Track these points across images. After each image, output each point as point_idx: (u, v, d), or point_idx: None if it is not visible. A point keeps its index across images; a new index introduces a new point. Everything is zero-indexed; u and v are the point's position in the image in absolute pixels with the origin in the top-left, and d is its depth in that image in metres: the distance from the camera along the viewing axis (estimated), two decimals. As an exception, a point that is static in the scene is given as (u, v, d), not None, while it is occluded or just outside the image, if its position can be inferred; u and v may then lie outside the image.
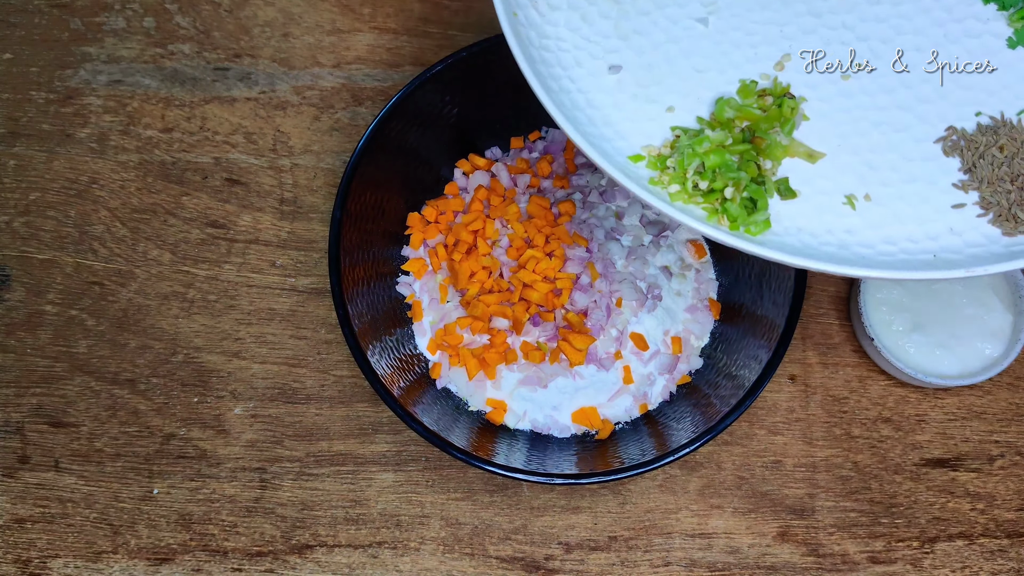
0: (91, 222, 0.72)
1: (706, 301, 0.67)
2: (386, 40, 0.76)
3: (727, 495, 0.65)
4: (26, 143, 0.73)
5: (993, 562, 0.64)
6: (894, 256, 0.47)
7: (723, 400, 0.60)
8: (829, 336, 0.69)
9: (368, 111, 0.74)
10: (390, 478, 0.66)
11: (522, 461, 0.60)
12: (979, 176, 0.49)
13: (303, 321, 0.69)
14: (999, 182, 0.48)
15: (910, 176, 0.49)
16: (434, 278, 0.68)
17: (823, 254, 0.47)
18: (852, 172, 0.49)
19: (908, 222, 0.48)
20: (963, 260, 0.46)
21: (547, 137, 0.71)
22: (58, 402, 0.68)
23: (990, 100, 0.50)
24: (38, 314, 0.70)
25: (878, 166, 0.49)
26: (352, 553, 0.64)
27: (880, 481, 0.66)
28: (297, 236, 0.71)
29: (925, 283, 0.65)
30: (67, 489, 0.66)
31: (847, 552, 0.64)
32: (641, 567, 0.64)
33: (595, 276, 0.65)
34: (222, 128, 0.73)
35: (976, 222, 0.48)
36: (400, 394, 0.59)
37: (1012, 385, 0.68)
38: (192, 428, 0.67)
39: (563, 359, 0.64)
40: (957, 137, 0.50)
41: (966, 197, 0.49)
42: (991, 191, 0.48)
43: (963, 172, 0.49)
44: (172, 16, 0.76)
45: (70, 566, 0.65)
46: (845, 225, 0.48)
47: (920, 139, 0.50)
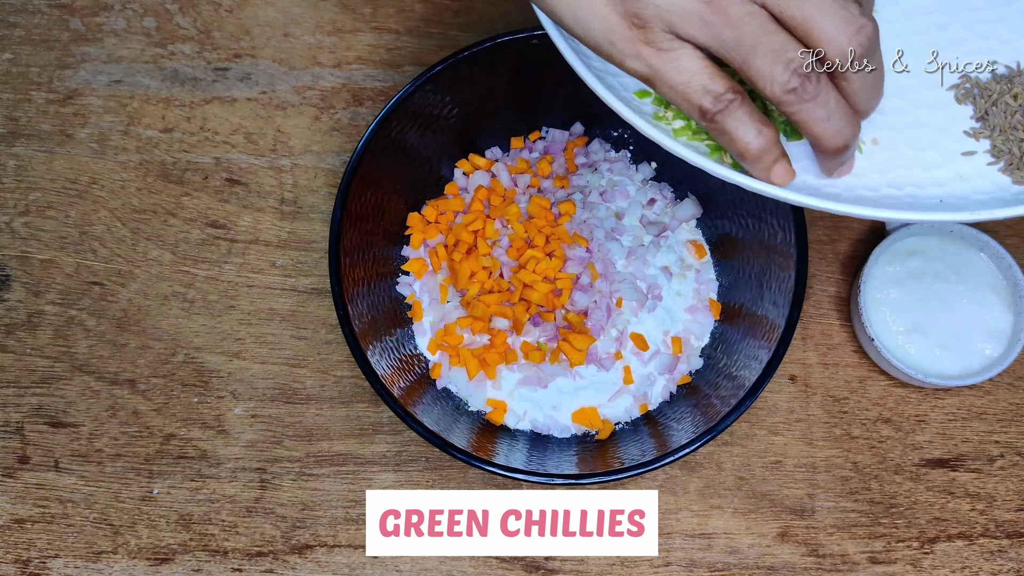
0: (91, 222, 0.72)
1: (706, 301, 0.67)
2: (387, 40, 0.76)
3: (727, 495, 0.65)
4: (26, 143, 0.73)
5: (993, 562, 0.64)
6: (899, 199, 0.46)
7: (723, 400, 0.60)
8: (829, 336, 0.69)
9: (368, 111, 0.74)
10: (390, 478, 0.66)
11: (522, 461, 0.60)
12: (991, 124, 0.48)
13: (303, 321, 0.69)
14: (1011, 130, 0.48)
15: (919, 122, 0.48)
16: (434, 278, 0.68)
17: (826, 194, 0.46)
18: None
19: (915, 167, 0.47)
20: (969, 204, 0.46)
21: (547, 137, 0.71)
22: (58, 402, 0.68)
23: (1005, 49, 0.50)
24: (38, 314, 0.70)
25: (887, 110, 0.48)
26: (352, 553, 0.64)
27: (880, 481, 0.66)
28: (297, 236, 0.71)
29: (934, 288, 0.65)
30: (67, 489, 0.66)
31: (847, 552, 0.64)
32: (641, 567, 0.64)
33: (595, 276, 0.65)
34: (222, 128, 0.73)
35: (986, 170, 0.47)
36: (400, 394, 0.59)
37: (1012, 385, 0.68)
38: (192, 428, 0.67)
39: (563, 359, 0.64)
40: (971, 85, 0.49)
41: (977, 145, 0.48)
42: (1003, 139, 0.48)
43: (975, 120, 0.49)
44: (172, 16, 0.76)
45: (70, 566, 0.65)
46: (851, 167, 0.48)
47: (931, 86, 0.49)
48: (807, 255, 0.60)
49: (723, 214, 0.68)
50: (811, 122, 0.42)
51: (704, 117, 0.43)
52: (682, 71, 0.42)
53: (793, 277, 0.60)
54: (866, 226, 0.71)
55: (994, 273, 0.66)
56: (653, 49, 0.42)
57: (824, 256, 0.70)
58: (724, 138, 0.43)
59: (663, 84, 0.43)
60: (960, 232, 0.66)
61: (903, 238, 0.67)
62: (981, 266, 0.66)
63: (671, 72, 0.42)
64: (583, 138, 0.71)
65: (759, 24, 0.40)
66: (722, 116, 0.42)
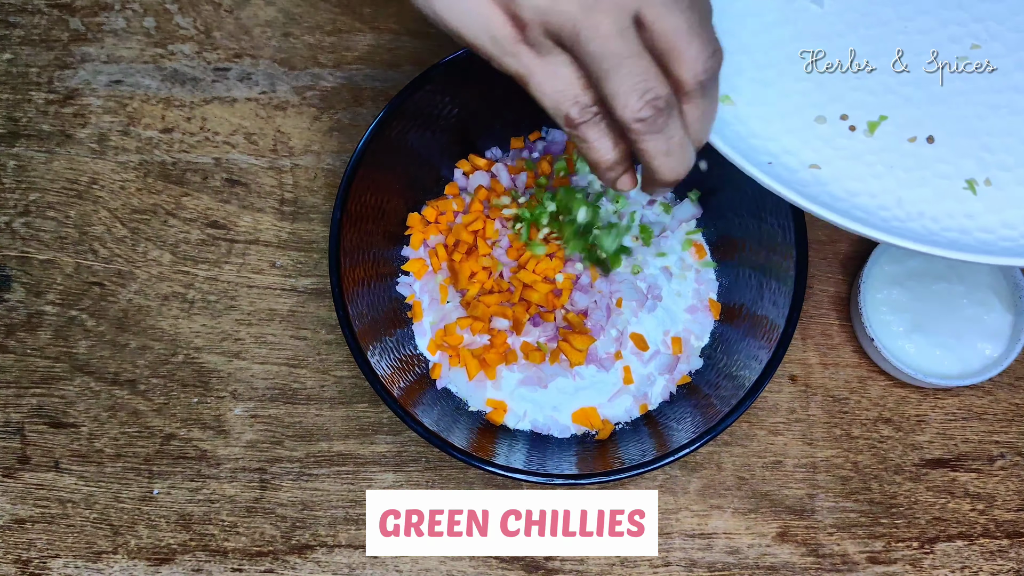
0: (91, 222, 0.72)
1: (706, 301, 0.67)
2: (387, 40, 0.76)
3: (727, 495, 0.65)
4: (26, 143, 0.73)
5: (993, 562, 0.64)
6: (1016, 241, 0.47)
7: (723, 400, 0.60)
8: (829, 336, 0.69)
9: (369, 111, 0.74)
10: (390, 478, 0.66)
11: (522, 461, 0.60)
12: None
13: (303, 321, 0.69)
14: None
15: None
16: (434, 278, 0.68)
17: (945, 240, 0.47)
18: (971, 156, 0.49)
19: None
20: None
21: (547, 137, 0.71)
22: (58, 402, 0.68)
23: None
24: (38, 314, 0.70)
25: (996, 149, 0.49)
26: (352, 553, 0.64)
27: (880, 481, 0.66)
28: (297, 236, 0.71)
29: (934, 288, 0.65)
30: (67, 489, 0.66)
31: (847, 552, 0.64)
32: (641, 567, 0.64)
33: (595, 276, 0.65)
34: (222, 128, 0.73)
35: None
36: (400, 395, 0.59)
37: (1012, 385, 0.68)
38: (192, 428, 0.67)
39: (563, 359, 0.64)
40: None
41: None
42: None
43: None
44: (172, 16, 0.76)
45: (70, 566, 0.65)
46: (965, 210, 0.48)
47: None
48: (807, 255, 0.60)
49: (723, 214, 0.68)
50: (652, 154, 0.44)
51: (568, 124, 0.45)
52: (558, 78, 0.43)
53: (793, 277, 0.60)
54: (866, 226, 0.71)
55: (994, 273, 0.66)
56: (532, 52, 0.43)
57: (824, 256, 0.70)
58: (583, 146, 0.46)
59: (536, 87, 0.44)
60: (960, 232, 0.66)
61: (903, 238, 0.67)
62: (981, 266, 0.66)
63: (547, 77, 0.44)
64: (583, 138, 0.71)
65: (626, 44, 0.41)
66: (585, 127, 0.45)
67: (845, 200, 0.49)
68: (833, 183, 0.49)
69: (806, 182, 0.49)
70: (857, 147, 0.50)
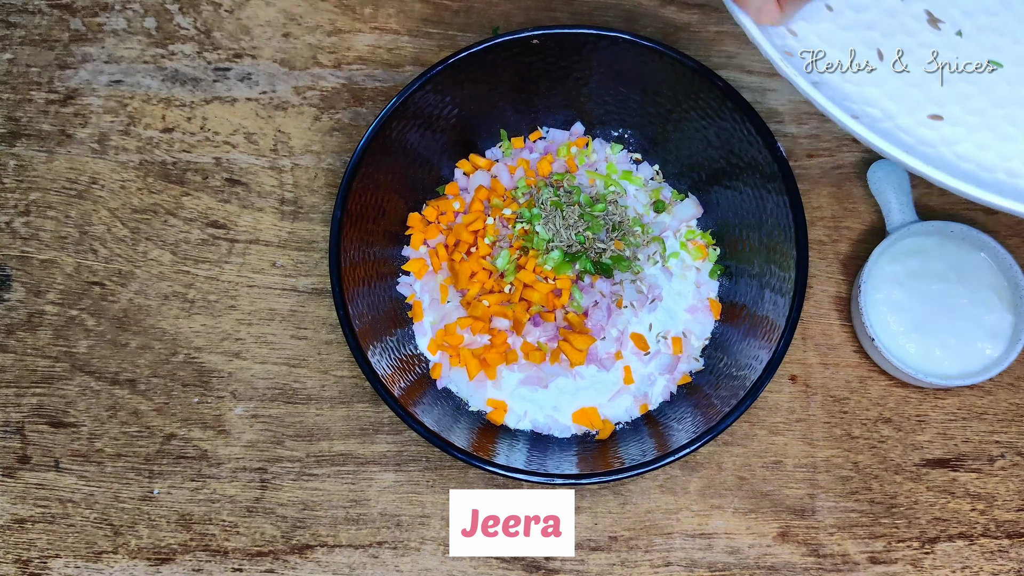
0: (91, 222, 0.72)
1: (706, 301, 0.67)
2: (387, 40, 0.76)
3: (727, 495, 0.65)
4: (26, 143, 0.73)
5: (993, 562, 0.64)
6: None
7: (723, 400, 0.60)
8: (829, 336, 0.69)
9: (369, 111, 0.74)
10: (390, 478, 0.66)
11: (523, 461, 0.60)
12: None
13: (303, 321, 0.69)
14: None
15: None
16: (435, 278, 0.68)
17: None
18: None
19: None
20: None
21: (547, 137, 0.71)
22: (58, 402, 0.68)
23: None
24: (38, 314, 0.70)
25: None
26: (352, 553, 0.65)
27: (880, 481, 0.66)
28: (297, 236, 0.71)
29: (934, 288, 0.66)
30: (67, 489, 0.66)
31: (847, 552, 0.64)
32: (641, 567, 0.64)
33: (595, 276, 0.65)
34: (223, 128, 0.73)
35: None
36: (401, 394, 0.60)
37: (1012, 385, 0.68)
38: (192, 428, 0.67)
39: (563, 359, 0.64)
40: None
41: None
42: None
43: None
44: (173, 16, 0.76)
45: (70, 566, 0.65)
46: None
47: None
48: (807, 255, 0.60)
49: (723, 214, 0.68)
50: None
51: None
52: None
53: (793, 277, 0.60)
54: (866, 226, 0.71)
55: (994, 273, 0.66)
56: None
57: (824, 256, 0.70)
58: None
59: None
60: (960, 232, 0.66)
61: (903, 238, 0.67)
62: (981, 266, 0.66)
63: None
64: (583, 138, 0.71)
65: None
66: None
67: None
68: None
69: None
70: None
